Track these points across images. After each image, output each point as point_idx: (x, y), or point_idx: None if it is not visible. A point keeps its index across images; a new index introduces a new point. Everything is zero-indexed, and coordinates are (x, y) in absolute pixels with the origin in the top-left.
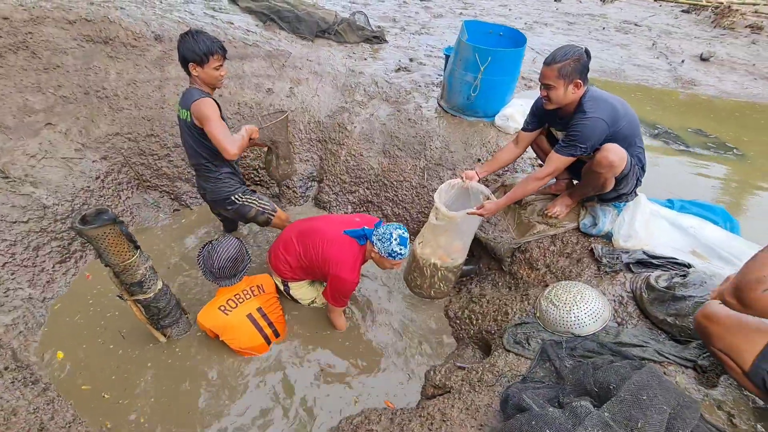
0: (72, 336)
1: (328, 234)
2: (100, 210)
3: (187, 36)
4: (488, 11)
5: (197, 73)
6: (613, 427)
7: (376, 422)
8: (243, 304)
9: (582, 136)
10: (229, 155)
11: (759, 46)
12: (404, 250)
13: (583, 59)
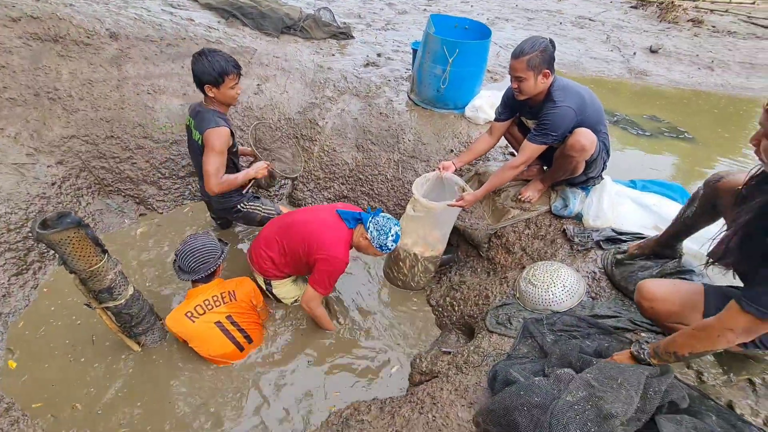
0: (36, 351)
1: (312, 219)
2: (62, 213)
3: (201, 56)
4: (451, 7)
5: (213, 94)
6: (595, 387)
7: (366, 412)
8: (211, 312)
9: (553, 125)
10: (209, 190)
11: (701, 39)
12: (394, 246)
13: (548, 50)
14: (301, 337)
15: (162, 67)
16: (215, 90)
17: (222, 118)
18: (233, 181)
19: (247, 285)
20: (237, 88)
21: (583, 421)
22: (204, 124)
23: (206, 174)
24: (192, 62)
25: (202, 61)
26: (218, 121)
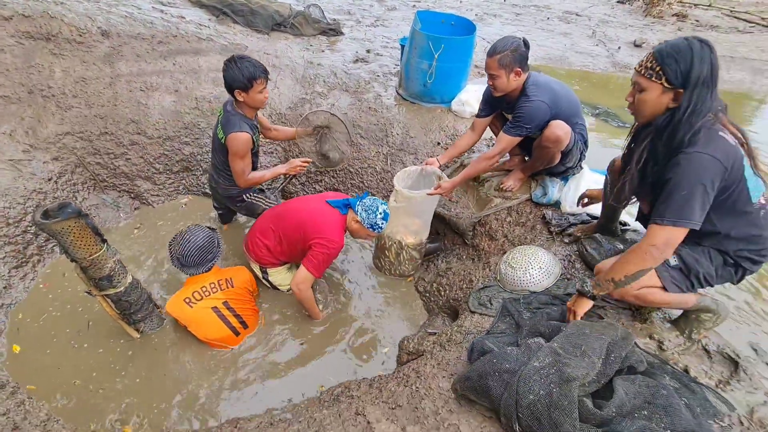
0: (38, 338)
1: (306, 207)
2: (63, 203)
3: (231, 63)
4: (440, 3)
5: (243, 98)
6: (561, 354)
7: (356, 389)
8: (209, 297)
9: (526, 118)
10: (240, 186)
11: (684, 33)
12: (384, 224)
13: (520, 49)
14: (294, 323)
15: (154, 65)
16: (244, 94)
17: (247, 123)
18: (261, 178)
19: (244, 273)
20: (265, 92)
21: (546, 383)
22: (229, 126)
23: (234, 174)
24: (223, 69)
25: (232, 67)
26: (242, 126)
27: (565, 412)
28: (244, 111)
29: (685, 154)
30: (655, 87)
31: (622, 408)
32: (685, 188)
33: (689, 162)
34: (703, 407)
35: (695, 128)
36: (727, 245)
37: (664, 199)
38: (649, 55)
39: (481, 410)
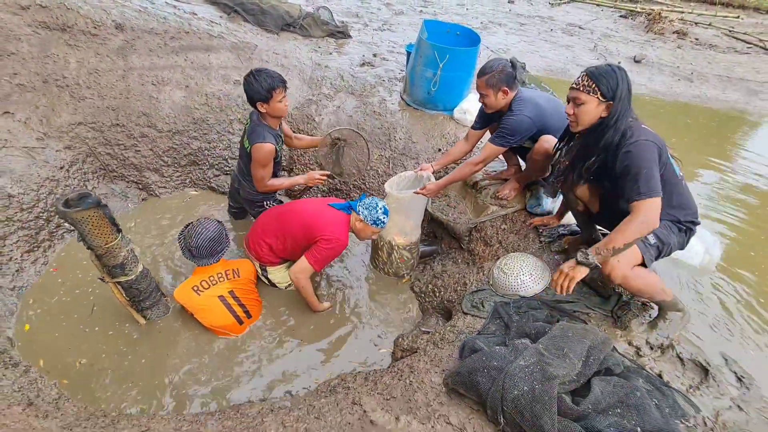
0: (47, 320)
1: (310, 209)
2: (83, 194)
3: (250, 77)
4: (447, 10)
5: (265, 109)
6: (545, 355)
7: (352, 381)
8: (215, 286)
9: (509, 130)
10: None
11: (683, 51)
12: (386, 218)
13: (506, 70)
14: (295, 317)
15: (166, 60)
16: (266, 105)
17: (271, 133)
18: (279, 185)
19: (249, 265)
20: (285, 101)
21: (530, 380)
22: (254, 137)
23: (254, 180)
24: (243, 84)
25: (251, 81)
26: (266, 137)
27: (545, 407)
28: (268, 122)
29: (631, 144)
30: (592, 100)
31: (598, 405)
32: (644, 167)
33: (637, 148)
34: (672, 408)
35: (621, 130)
36: (676, 214)
37: (632, 183)
38: (584, 76)
39: (469, 403)
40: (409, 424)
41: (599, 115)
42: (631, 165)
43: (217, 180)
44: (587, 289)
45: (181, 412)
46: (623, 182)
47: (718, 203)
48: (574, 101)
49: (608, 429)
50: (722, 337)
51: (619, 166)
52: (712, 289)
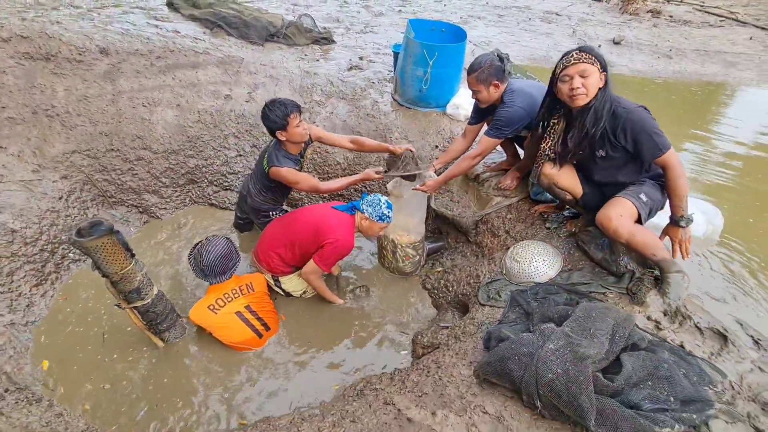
0: (63, 353)
1: (315, 215)
2: (95, 222)
3: (265, 110)
4: (425, 7)
5: (284, 137)
6: (572, 337)
7: (378, 382)
8: (231, 303)
9: (503, 122)
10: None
11: (659, 29)
12: (391, 213)
13: (494, 64)
14: (312, 324)
15: (154, 80)
16: (285, 133)
17: (289, 158)
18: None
19: (261, 277)
20: (302, 125)
21: (563, 361)
22: (271, 160)
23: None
24: (261, 119)
25: (266, 113)
26: (284, 162)
27: (581, 387)
28: (287, 148)
29: (629, 114)
30: (595, 71)
31: (630, 380)
32: (652, 128)
33: (637, 115)
34: (699, 376)
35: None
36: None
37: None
38: (578, 51)
39: (502, 391)
40: (447, 418)
41: (598, 86)
42: (640, 131)
43: (217, 196)
44: (600, 269)
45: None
46: (639, 148)
47: (707, 173)
48: (581, 74)
49: (643, 402)
50: (733, 303)
51: (629, 138)
52: (715, 257)
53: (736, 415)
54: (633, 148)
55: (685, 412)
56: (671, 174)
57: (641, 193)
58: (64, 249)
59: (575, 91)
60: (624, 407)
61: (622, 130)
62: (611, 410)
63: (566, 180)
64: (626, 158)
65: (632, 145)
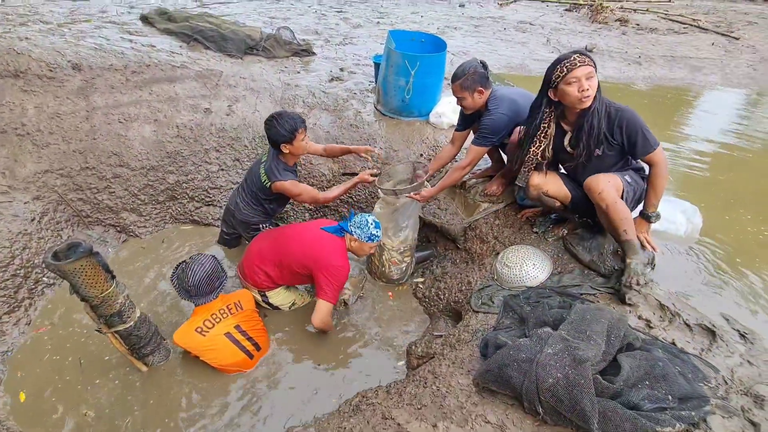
0: (42, 383)
1: (305, 236)
2: (72, 243)
3: (272, 121)
4: (402, 19)
5: (288, 150)
6: (569, 340)
7: (374, 397)
8: (220, 324)
9: (490, 130)
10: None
11: (628, 36)
12: (379, 231)
13: (478, 71)
14: (302, 340)
15: (130, 95)
16: (290, 146)
17: (289, 170)
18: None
19: (248, 294)
20: (306, 139)
21: (562, 365)
22: (272, 174)
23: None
24: (266, 129)
25: (273, 124)
26: (285, 175)
27: (583, 390)
28: (287, 160)
29: (625, 112)
30: (595, 74)
31: (628, 381)
32: (642, 126)
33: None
34: (693, 373)
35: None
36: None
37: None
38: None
39: (503, 399)
40: (448, 430)
41: None
42: (631, 128)
43: (198, 212)
44: (589, 271)
45: None
46: (632, 144)
47: (682, 172)
48: (588, 76)
49: (643, 402)
50: (717, 298)
51: (624, 135)
52: (696, 254)
53: (731, 409)
54: (627, 145)
55: (683, 410)
56: (656, 171)
57: (626, 175)
58: (37, 273)
59: (586, 92)
60: (625, 408)
61: (618, 127)
62: (613, 412)
63: (554, 187)
64: (618, 157)
65: (626, 142)
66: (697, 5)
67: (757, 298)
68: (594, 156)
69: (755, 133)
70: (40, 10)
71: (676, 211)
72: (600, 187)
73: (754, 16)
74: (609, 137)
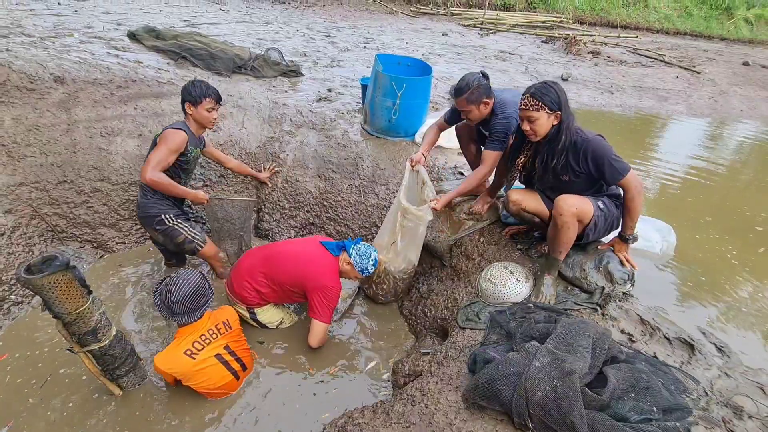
0: (3, 411)
1: (300, 252)
2: (48, 257)
3: (189, 83)
4: (388, 44)
5: (191, 111)
6: (556, 353)
7: (360, 417)
8: (210, 345)
9: (502, 132)
10: (142, 174)
11: (600, 67)
12: (373, 270)
13: (482, 83)
14: (285, 359)
15: (114, 110)
16: (193, 108)
17: (189, 131)
18: (170, 186)
19: (232, 311)
20: (213, 113)
21: (551, 378)
22: (168, 125)
23: (146, 161)
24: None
25: (188, 85)
26: (181, 126)
27: (572, 402)
28: (190, 123)
29: (587, 144)
30: (542, 115)
31: (615, 392)
32: (609, 154)
33: (594, 144)
34: (675, 385)
35: (574, 131)
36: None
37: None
38: (528, 97)
39: (492, 414)
40: None
41: (551, 123)
42: (598, 158)
43: None
44: (572, 287)
45: None
46: (601, 175)
47: (654, 193)
48: (528, 120)
49: (630, 413)
50: (692, 312)
51: (591, 165)
52: (668, 271)
53: (713, 420)
54: (596, 174)
55: (668, 421)
56: (628, 195)
57: (599, 201)
58: (4, 290)
59: (527, 132)
60: (613, 420)
61: (583, 157)
62: (602, 424)
63: (532, 204)
64: (586, 183)
65: (595, 170)
66: (661, 41)
67: (727, 312)
68: (563, 181)
69: (719, 159)
70: (23, 23)
71: (651, 230)
72: (561, 206)
73: (712, 52)
74: (575, 166)
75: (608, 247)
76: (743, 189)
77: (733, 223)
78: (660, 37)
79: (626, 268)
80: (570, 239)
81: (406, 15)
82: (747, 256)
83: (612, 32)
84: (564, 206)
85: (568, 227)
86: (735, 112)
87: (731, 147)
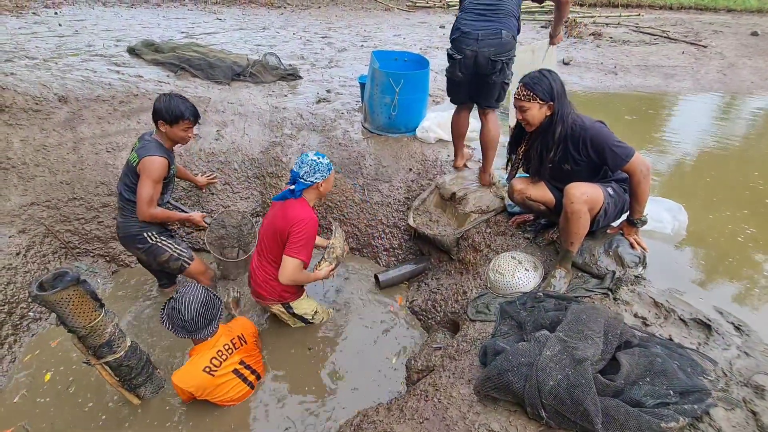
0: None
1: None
2: (59, 273)
3: (164, 96)
4: (386, 41)
5: (165, 129)
6: (567, 341)
7: (375, 415)
8: (227, 361)
9: None
10: (140, 214)
11: (602, 49)
12: (325, 158)
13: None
14: (297, 362)
15: (117, 125)
16: (168, 128)
17: (164, 150)
18: (166, 216)
19: (248, 324)
20: (189, 132)
21: (562, 366)
22: (144, 150)
23: (139, 200)
24: (155, 102)
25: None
26: (159, 151)
27: (584, 390)
28: (162, 140)
29: (586, 132)
30: (533, 105)
31: (629, 378)
32: (609, 140)
33: (593, 131)
34: (692, 367)
35: (570, 122)
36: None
37: (611, 156)
38: (521, 86)
39: (505, 406)
40: None
41: (545, 114)
42: (598, 146)
43: (189, 238)
44: (582, 273)
45: None
46: (603, 162)
47: (663, 174)
48: (520, 110)
49: (645, 398)
50: (708, 293)
51: (592, 153)
52: (681, 252)
53: (733, 401)
54: (599, 161)
55: (686, 404)
56: (634, 179)
57: (609, 187)
58: (23, 308)
59: (520, 121)
60: (628, 406)
61: (583, 146)
62: (616, 410)
63: (536, 192)
64: (589, 171)
65: (597, 158)
66: (665, 17)
67: (745, 290)
68: (564, 170)
69: (731, 135)
70: (26, 47)
71: (661, 210)
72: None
73: (718, 25)
74: (575, 154)
75: (617, 231)
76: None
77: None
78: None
79: (637, 251)
80: (582, 229)
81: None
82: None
83: (613, 12)
84: (576, 193)
85: (579, 216)
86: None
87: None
